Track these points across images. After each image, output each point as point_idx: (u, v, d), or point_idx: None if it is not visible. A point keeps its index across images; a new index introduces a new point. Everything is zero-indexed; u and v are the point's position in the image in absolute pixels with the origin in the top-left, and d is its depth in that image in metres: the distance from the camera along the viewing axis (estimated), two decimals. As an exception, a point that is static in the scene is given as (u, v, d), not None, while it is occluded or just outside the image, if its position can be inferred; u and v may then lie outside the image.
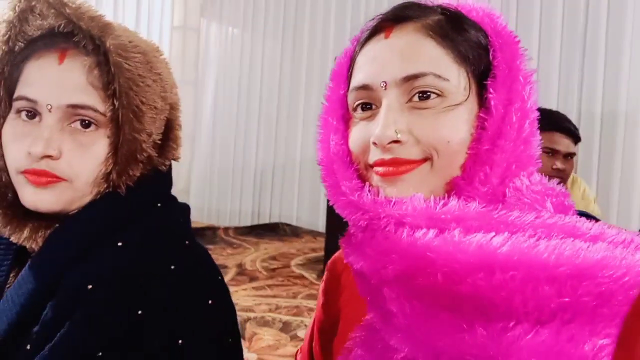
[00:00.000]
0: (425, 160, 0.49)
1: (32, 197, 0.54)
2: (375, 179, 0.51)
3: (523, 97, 0.50)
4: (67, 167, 0.55)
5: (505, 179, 0.49)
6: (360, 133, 0.52)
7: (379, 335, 0.50)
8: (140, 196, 0.58)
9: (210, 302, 0.56)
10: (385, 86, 0.50)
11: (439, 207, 0.47)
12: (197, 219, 4.74)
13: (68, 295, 0.52)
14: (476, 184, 0.48)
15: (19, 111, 0.56)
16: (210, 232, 4.36)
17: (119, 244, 0.55)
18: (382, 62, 0.51)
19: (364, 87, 0.52)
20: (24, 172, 0.54)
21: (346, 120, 0.55)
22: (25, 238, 0.56)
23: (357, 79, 0.53)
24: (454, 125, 0.49)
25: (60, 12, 0.55)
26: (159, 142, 0.60)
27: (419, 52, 0.49)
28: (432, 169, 0.49)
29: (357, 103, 0.53)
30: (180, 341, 0.52)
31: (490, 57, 0.51)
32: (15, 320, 0.53)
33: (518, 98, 0.49)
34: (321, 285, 0.67)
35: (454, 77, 0.49)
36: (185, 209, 0.65)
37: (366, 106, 0.52)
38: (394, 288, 0.47)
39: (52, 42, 0.56)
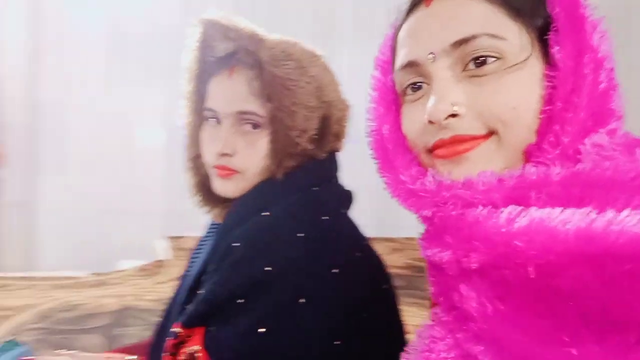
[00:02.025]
0: (490, 134, 0.43)
1: (219, 187, 0.70)
2: (438, 164, 0.46)
3: (592, 47, 0.43)
4: (240, 162, 0.68)
5: (579, 136, 0.42)
6: (413, 115, 0.47)
7: (447, 328, 0.44)
8: (294, 180, 0.67)
9: (333, 271, 0.59)
10: (434, 57, 0.45)
11: (514, 178, 0.41)
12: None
13: (219, 252, 0.63)
14: (545, 145, 0.42)
15: (208, 119, 0.71)
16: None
17: (266, 213, 0.64)
18: (426, 32, 0.46)
19: (410, 64, 0.47)
20: (214, 167, 0.70)
21: (398, 107, 0.50)
22: (217, 215, 0.74)
23: (401, 57, 0.48)
24: (518, 88, 0.43)
25: (227, 36, 0.68)
26: (316, 136, 0.69)
27: (466, 13, 0.44)
28: (501, 143, 0.43)
29: (405, 84, 0.48)
30: (301, 300, 0.57)
31: (548, 9, 0.45)
32: (191, 284, 0.67)
33: (587, 49, 0.43)
34: None
35: (510, 34, 0.43)
36: (343, 192, 0.73)
37: (416, 85, 0.47)
38: (474, 283, 0.41)
39: (225, 61, 0.69)
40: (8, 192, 1.76)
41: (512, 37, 0.43)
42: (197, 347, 0.57)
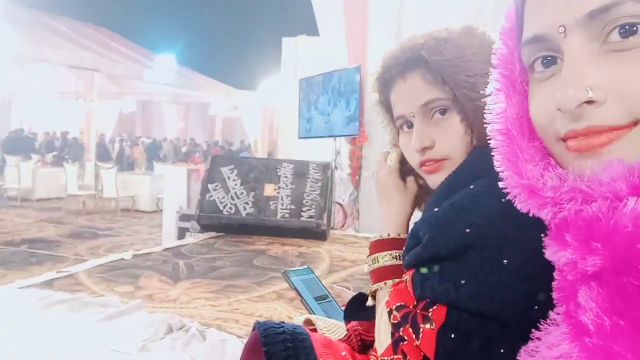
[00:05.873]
0: (635, 123, 0.35)
1: (433, 182, 0.73)
2: (570, 157, 0.39)
3: None
4: (442, 150, 0.71)
5: None
6: (542, 97, 0.40)
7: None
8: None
9: (543, 235, 0.58)
10: (565, 31, 0.37)
11: None
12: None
13: (424, 219, 0.68)
14: None
15: (401, 126, 0.76)
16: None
17: (471, 187, 0.65)
18: (554, 1, 0.38)
19: (537, 39, 0.40)
20: (420, 165, 0.73)
21: (525, 84, 0.44)
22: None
23: (527, 30, 0.41)
24: None
25: (395, 57, 0.75)
26: None
27: None
28: None
29: (533, 59, 0.41)
30: (504, 261, 0.58)
31: None
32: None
33: None
34: None
35: None
36: None
37: (546, 60, 0.40)
38: (592, 292, 0.36)
39: (396, 74, 0.75)
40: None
41: None
42: (408, 277, 0.67)
